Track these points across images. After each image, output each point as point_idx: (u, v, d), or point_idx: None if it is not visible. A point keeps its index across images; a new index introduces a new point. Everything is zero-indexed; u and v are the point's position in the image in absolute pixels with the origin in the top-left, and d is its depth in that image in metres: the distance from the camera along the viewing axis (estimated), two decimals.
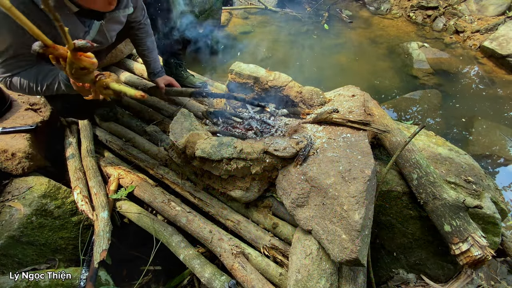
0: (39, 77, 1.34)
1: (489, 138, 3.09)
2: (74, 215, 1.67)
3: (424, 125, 1.41)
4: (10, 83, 1.33)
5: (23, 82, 1.33)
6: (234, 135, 1.68)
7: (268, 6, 5.39)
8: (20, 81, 1.32)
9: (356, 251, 1.11)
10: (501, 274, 1.77)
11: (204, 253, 1.56)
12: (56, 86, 1.34)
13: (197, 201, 1.65)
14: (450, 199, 1.35)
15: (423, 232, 1.58)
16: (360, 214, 1.12)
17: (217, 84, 2.45)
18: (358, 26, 5.22)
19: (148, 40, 1.89)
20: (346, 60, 4.35)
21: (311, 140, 1.44)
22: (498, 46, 4.16)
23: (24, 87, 1.34)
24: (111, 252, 1.53)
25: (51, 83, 1.34)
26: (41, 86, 1.35)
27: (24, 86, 1.34)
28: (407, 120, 3.34)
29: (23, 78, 1.32)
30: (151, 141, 2.00)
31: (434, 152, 1.73)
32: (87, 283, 1.42)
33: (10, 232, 1.48)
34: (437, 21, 5.14)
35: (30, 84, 1.34)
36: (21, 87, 1.34)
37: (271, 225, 1.52)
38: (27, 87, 1.34)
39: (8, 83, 1.33)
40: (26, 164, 1.64)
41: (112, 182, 1.77)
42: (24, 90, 1.36)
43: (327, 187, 1.22)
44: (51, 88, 1.35)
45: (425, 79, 3.90)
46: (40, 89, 1.35)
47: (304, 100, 1.76)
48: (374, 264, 1.70)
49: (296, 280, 1.23)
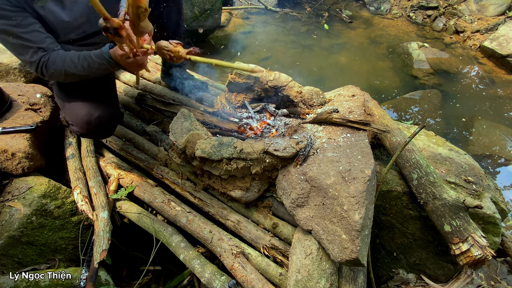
0: (77, 55, 1.33)
1: (489, 138, 3.09)
2: (74, 215, 1.67)
3: (424, 125, 1.41)
4: (48, 62, 1.30)
5: (62, 58, 1.31)
6: (233, 135, 1.68)
7: (268, 6, 5.39)
8: (58, 58, 1.31)
9: (356, 251, 1.11)
10: (501, 274, 1.77)
11: (204, 253, 1.56)
12: (97, 64, 1.32)
13: (197, 201, 1.65)
14: (450, 199, 1.35)
15: (423, 232, 1.58)
16: (360, 214, 1.12)
17: (217, 84, 2.45)
18: (358, 26, 5.22)
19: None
20: (346, 60, 4.35)
21: (311, 140, 1.44)
22: (498, 46, 4.16)
23: (62, 65, 1.32)
24: (111, 252, 1.53)
25: (92, 61, 1.32)
26: (82, 63, 1.33)
27: (63, 63, 1.31)
28: (407, 120, 3.34)
29: (61, 54, 1.32)
30: (151, 141, 1.99)
31: (434, 152, 1.73)
32: (87, 283, 1.42)
33: (10, 232, 1.48)
34: (437, 21, 5.14)
35: (68, 61, 1.32)
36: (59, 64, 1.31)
37: (271, 225, 1.52)
38: (66, 64, 1.32)
39: (45, 63, 1.31)
40: (26, 164, 1.64)
41: (112, 182, 1.77)
42: (61, 70, 1.33)
43: (327, 187, 1.22)
44: (92, 65, 1.33)
45: (425, 79, 3.90)
46: (81, 67, 1.33)
47: (304, 100, 1.76)
48: (374, 264, 1.70)
49: (296, 280, 1.23)
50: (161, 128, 2.07)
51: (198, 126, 1.65)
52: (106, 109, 1.56)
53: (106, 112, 1.55)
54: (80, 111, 1.52)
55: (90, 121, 1.51)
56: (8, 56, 2.41)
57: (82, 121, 1.52)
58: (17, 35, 1.25)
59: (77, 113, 1.52)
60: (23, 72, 2.38)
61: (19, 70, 2.37)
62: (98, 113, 1.52)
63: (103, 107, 1.55)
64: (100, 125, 1.55)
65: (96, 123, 1.52)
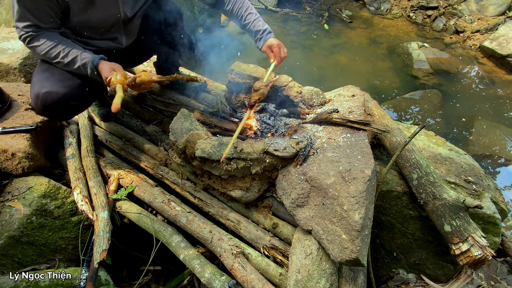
0: (63, 47, 1.42)
1: (489, 138, 3.09)
2: (74, 215, 1.67)
3: (424, 125, 1.41)
4: (34, 38, 1.39)
5: (46, 43, 1.40)
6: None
7: (268, 6, 5.39)
8: (43, 41, 1.39)
9: (356, 251, 1.11)
10: (501, 274, 1.78)
11: (204, 253, 1.56)
12: (78, 65, 1.44)
13: (197, 201, 1.65)
14: (450, 199, 1.35)
15: (423, 232, 1.58)
16: (360, 214, 1.12)
17: (217, 84, 2.45)
18: (358, 26, 5.22)
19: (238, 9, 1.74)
20: (346, 60, 4.35)
21: (311, 140, 1.44)
22: (498, 46, 4.16)
23: (45, 48, 1.40)
24: (111, 252, 1.53)
25: (74, 59, 1.43)
26: (63, 55, 1.42)
27: (46, 47, 1.40)
28: (407, 120, 3.34)
29: (48, 39, 1.40)
30: (151, 141, 1.99)
31: (434, 152, 1.73)
32: (87, 283, 1.42)
33: (10, 232, 1.48)
34: (437, 21, 5.14)
35: (51, 48, 1.41)
36: (42, 46, 1.40)
37: (271, 225, 1.52)
38: (48, 49, 1.41)
39: (31, 38, 1.39)
40: (26, 164, 1.64)
41: (112, 182, 1.77)
42: (41, 51, 1.42)
43: (327, 187, 1.22)
44: (71, 63, 1.44)
45: (425, 79, 3.90)
46: (61, 59, 1.43)
47: (304, 100, 1.76)
48: (374, 264, 1.70)
49: (296, 280, 1.23)
50: (161, 128, 2.07)
51: (198, 126, 1.65)
52: (61, 88, 1.49)
53: (60, 90, 1.48)
54: (35, 84, 1.51)
55: (38, 95, 1.47)
56: (8, 56, 2.41)
57: (33, 94, 1.50)
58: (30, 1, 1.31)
59: (33, 85, 1.52)
60: (23, 72, 2.38)
61: (19, 70, 2.37)
62: (48, 89, 1.47)
63: (59, 85, 1.50)
64: (46, 101, 1.48)
65: (43, 97, 1.47)
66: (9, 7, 3.17)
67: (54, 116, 1.71)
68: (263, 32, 1.69)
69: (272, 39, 1.69)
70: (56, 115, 1.66)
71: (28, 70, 2.41)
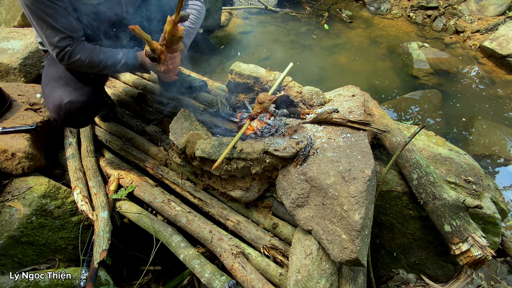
0: (101, 51, 1.46)
1: (489, 138, 3.09)
2: (74, 215, 1.67)
3: (424, 125, 1.41)
4: (73, 52, 1.40)
5: (86, 51, 1.42)
6: (233, 135, 1.68)
7: (268, 6, 5.39)
8: (83, 50, 1.42)
9: (356, 251, 1.11)
10: (501, 274, 1.78)
11: (204, 253, 1.56)
12: (121, 63, 1.48)
13: (197, 201, 1.66)
14: (450, 199, 1.35)
15: (423, 232, 1.58)
16: (360, 214, 1.12)
17: (217, 84, 2.45)
18: (358, 26, 5.22)
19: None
20: (346, 60, 4.35)
21: (311, 140, 1.44)
22: (498, 46, 4.16)
23: (86, 58, 1.43)
24: (111, 252, 1.53)
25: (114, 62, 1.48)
26: (105, 60, 1.46)
27: (86, 57, 1.42)
28: (407, 120, 3.34)
29: (84, 49, 1.42)
30: (151, 141, 2.00)
31: (434, 152, 1.73)
32: (87, 283, 1.42)
33: (10, 232, 1.48)
34: (437, 21, 5.14)
35: (93, 54, 1.44)
36: (82, 57, 1.42)
37: (271, 225, 1.52)
38: (89, 58, 1.43)
39: (70, 52, 1.40)
40: (26, 164, 1.64)
41: (112, 182, 1.77)
42: (84, 62, 1.44)
43: (327, 187, 1.22)
44: (113, 65, 1.48)
45: (425, 79, 3.90)
46: (104, 64, 1.47)
47: (304, 100, 1.76)
48: (374, 264, 1.70)
49: (296, 280, 1.23)
50: (161, 128, 2.07)
51: (198, 126, 1.65)
52: (80, 96, 1.51)
53: (79, 98, 1.50)
54: (53, 95, 1.50)
55: (60, 106, 1.47)
56: (8, 56, 2.41)
57: (53, 106, 1.49)
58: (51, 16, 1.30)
59: (51, 97, 1.51)
60: (23, 72, 2.38)
61: (19, 70, 2.37)
62: (70, 99, 1.47)
63: (77, 94, 1.51)
64: (69, 111, 1.49)
65: (66, 108, 1.47)
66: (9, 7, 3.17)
67: (76, 124, 1.77)
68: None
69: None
70: (78, 123, 1.70)
71: (28, 70, 2.41)
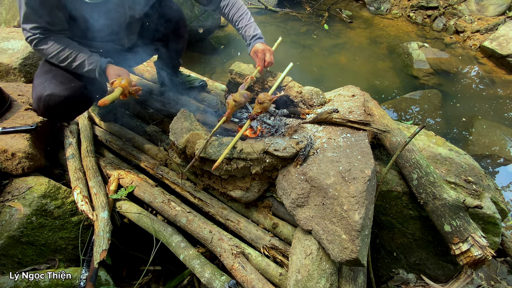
0: (71, 50, 1.44)
1: (489, 138, 3.09)
2: (74, 215, 1.67)
3: (424, 125, 1.41)
4: (40, 41, 1.40)
5: (54, 46, 1.42)
6: (233, 135, 1.68)
7: (268, 6, 5.39)
8: (51, 44, 1.41)
9: (356, 251, 1.11)
10: (501, 274, 1.78)
11: (204, 253, 1.56)
12: (86, 69, 1.47)
13: (197, 201, 1.66)
14: (450, 199, 1.35)
15: (423, 232, 1.58)
16: (360, 214, 1.12)
17: (217, 84, 2.45)
18: (358, 26, 5.22)
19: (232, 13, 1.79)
20: (346, 60, 4.35)
21: (311, 140, 1.44)
22: (498, 46, 4.16)
23: (53, 51, 1.42)
24: (111, 252, 1.53)
25: (82, 63, 1.46)
26: (71, 59, 1.45)
27: (53, 50, 1.42)
28: (407, 120, 3.34)
29: (55, 42, 1.41)
30: (151, 141, 2.00)
31: (434, 152, 1.73)
32: (87, 283, 1.42)
33: (10, 232, 1.48)
34: (437, 21, 5.15)
35: (59, 52, 1.43)
36: (49, 49, 1.42)
37: (271, 225, 1.52)
38: (56, 52, 1.43)
39: (39, 40, 1.40)
40: (26, 164, 1.64)
41: (112, 182, 1.77)
42: (49, 54, 1.44)
43: (327, 187, 1.23)
44: (79, 67, 1.47)
45: (425, 79, 3.90)
46: (69, 63, 1.46)
47: (304, 100, 1.76)
48: (374, 264, 1.70)
49: (296, 280, 1.23)
50: (161, 128, 2.07)
51: (198, 126, 1.65)
52: (63, 90, 1.49)
53: (61, 93, 1.48)
54: (37, 87, 1.50)
55: (40, 98, 1.47)
56: (8, 56, 2.41)
57: (35, 96, 1.49)
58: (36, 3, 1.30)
59: (35, 88, 1.52)
60: (23, 72, 2.38)
61: (19, 70, 2.37)
62: (51, 91, 1.47)
63: (61, 88, 1.49)
64: (48, 104, 1.48)
65: (45, 100, 1.47)
66: (9, 7, 3.17)
67: (56, 118, 1.74)
68: (252, 38, 1.77)
69: (259, 44, 1.75)
70: (58, 117, 1.68)
71: (28, 70, 2.41)
